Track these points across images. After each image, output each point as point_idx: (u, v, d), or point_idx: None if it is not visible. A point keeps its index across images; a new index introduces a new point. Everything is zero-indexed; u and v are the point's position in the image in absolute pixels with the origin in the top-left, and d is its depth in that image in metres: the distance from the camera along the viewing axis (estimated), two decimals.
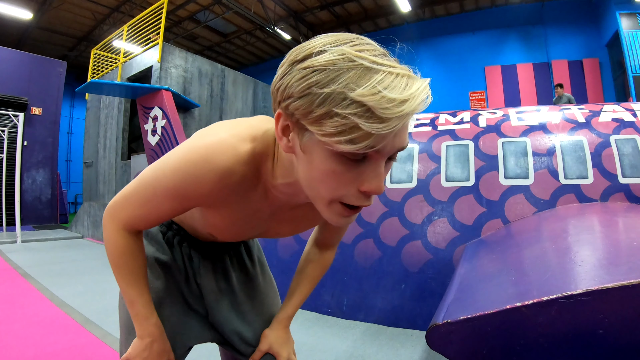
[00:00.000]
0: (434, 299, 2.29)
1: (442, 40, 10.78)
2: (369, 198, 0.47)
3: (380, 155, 0.43)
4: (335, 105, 0.39)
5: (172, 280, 0.78)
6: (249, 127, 0.56)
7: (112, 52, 7.88)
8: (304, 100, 0.41)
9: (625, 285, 0.69)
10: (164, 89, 5.40)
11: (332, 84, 0.39)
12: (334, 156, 0.43)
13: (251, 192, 0.59)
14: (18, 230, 5.93)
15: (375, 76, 0.39)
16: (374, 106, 0.37)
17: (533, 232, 1.88)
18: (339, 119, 0.39)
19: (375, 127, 0.38)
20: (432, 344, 0.84)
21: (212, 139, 0.53)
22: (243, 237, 0.72)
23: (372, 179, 0.45)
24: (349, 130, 0.39)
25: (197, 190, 0.54)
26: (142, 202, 0.58)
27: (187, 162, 0.53)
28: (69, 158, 15.16)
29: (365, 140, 0.39)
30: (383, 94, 0.38)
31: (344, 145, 0.40)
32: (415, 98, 0.39)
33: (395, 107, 0.38)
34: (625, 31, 7.73)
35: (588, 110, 2.61)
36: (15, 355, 1.93)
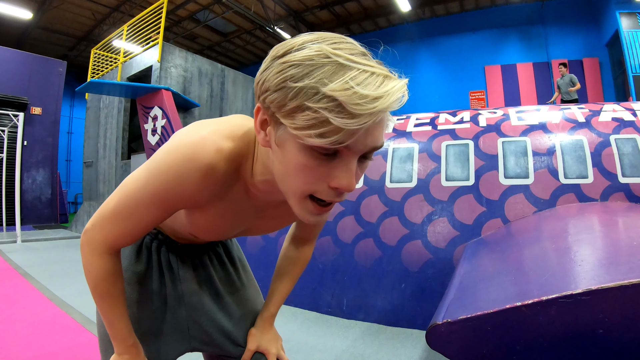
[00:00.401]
0: (433, 299, 2.29)
1: (442, 40, 10.78)
2: (340, 195, 0.47)
3: (352, 152, 0.43)
4: (307, 99, 0.39)
5: (150, 291, 0.76)
6: (229, 126, 0.56)
7: (112, 52, 7.88)
8: (279, 94, 0.42)
9: (625, 285, 0.69)
10: (164, 88, 5.40)
11: (306, 78, 0.40)
12: (305, 150, 0.43)
13: (233, 191, 0.59)
14: (18, 230, 5.94)
15: (349, 72, 0.39)
16: (345, 101, 0.37)
17: (533, 231, 1.88)
18: (310, 112, 0.39)
19: (345, 122, 0.38)
20: (432, 343, 0.84)
21: (193, 138, 0.53)
22: (225, 236, 0.71)
23: (342, 175, 0.44)
24: (319, 124, 0.39)
25: (182, 193, 0.54)
26: (125, 216, 0.57)
27: (169, 164, 0.52)
28: (69, 158, 15.16)
29: (335, 135, 0.39)
30: (355, 90, 0.38)
31: (314, 139, 0.40)
32: (389, 96, 0.39)
33: (367, 103, 0.38)
34: (625, 31, 7.73)
35: (588, 110, 2.61)
36: (15, 355, 1.93)
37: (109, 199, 0.59)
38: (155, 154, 0.55)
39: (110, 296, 0.63)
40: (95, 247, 0.60)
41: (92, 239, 0.60)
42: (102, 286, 0.62)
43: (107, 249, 0.60)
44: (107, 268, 0.61)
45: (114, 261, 0.62)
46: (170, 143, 0.54)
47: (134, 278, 0.75)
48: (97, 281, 0.61)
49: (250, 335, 0.84)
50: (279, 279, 0.88)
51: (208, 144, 0.52)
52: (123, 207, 0.57)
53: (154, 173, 0.54)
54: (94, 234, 0.60)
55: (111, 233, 0.59)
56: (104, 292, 0.62)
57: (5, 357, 1.91)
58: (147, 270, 0.77)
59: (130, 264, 0.76)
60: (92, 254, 0.60)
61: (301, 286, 2.70)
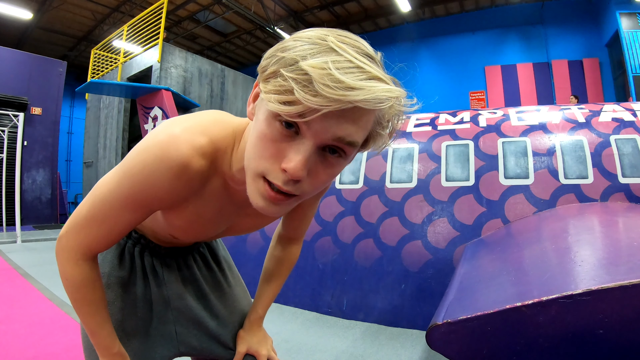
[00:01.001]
0: (434, 299, 2.29)
1: (442, 40, 10.77)
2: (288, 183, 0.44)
3: (311, 133, 0.41)
4: (283, 66, 0.39)
5: (134, 297, 0.74)
6: (202, 121, 0.55)
7: (112, 52, 7.88)
8: (267, 60, 0.43)
9: (625, 285, 0.69)
10: (164, 88, 5.40)
11: (294, 49, 0.40)
12: (269, 119, 0.42)
13: (211, 188, 0.57)
14: (18, 230, 5.93)
15: (334, 56, 0.38)
16: (316, 78, 0.36)
17: (533, 232, 1.88)
18: (281, 79, 0.39)
19: (306, 97, 0.37)
20: (432, 343, 0.84)
21: (164, 137, 0.51)
22: (206, 236, 0.69)
23: (293, 156, 0.42)
24: (285, 92, 0.39)
25: (156, 194, 0.52)
26: (99, 221, 0.55)
27: (141, 165, 0.51)
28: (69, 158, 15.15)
29: (296, 105, 0.38)
30: (330, 72, 0.36)
31: (276, 104, 0.39)
32: (367, 91, 0.37)
33: (338, 88, 0.36)
34: (625, 31, 7.73)
35: (588, 110, 2.61)
36: (15, 355, 1.93)
37: (82, 203, 0.57)
38: (127, 156, 0.54)
39: (90, 304, 0.61)
40: (71, 254, 0.58)
41: (66, 245, 0.58)
42: (81, 294, 0.60)
43: (82, 255, 0.58)
44: (84, 275, 0.59)
45: (92, 267, 0.60)
46: (142, 143, 0.53)
47: (117, 284, 0.72)
48: (76, 289, 0.59)
49: (239, 338, 0.83)
50: (266, 280, 0.87)
51: (180, 142, 0.50)
52: (97, 211, 0.55)
53: (126, 175, 0.52)
54: (68, 241, 0.57)
55: (86, 238, 0.56)
56: (84, 300, 0.60)
57: (5, 357, 1.91)
58: (131, 275, 0.75)
59: (113, 269, 0.73)
60: (68, 261, 0.58)
61: (301, 286, 2.70)
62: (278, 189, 0.44)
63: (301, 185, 0.45)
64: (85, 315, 0.61)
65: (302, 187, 0.45)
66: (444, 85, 10.44)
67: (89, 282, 0.60)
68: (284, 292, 2.77)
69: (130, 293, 0.74)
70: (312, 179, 0.45)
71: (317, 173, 0.44)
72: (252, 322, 0.84)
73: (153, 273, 0.77)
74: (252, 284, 0.91)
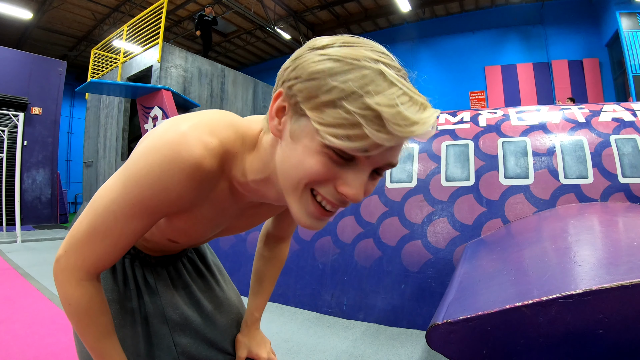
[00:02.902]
0: (434, 299, 2.29)
1: (442, 40, 10.77)
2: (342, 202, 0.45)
3: (369, 163, 0.42)
4: (344, 97, 0.38)
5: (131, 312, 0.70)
6: (210, 121, 0.51)
7: (112, 52, 7.88)
8: (312, 83, 0.40)
9: (625, 285, 0.69)
10: (164, 88, 5.39)
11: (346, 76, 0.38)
12: (322, 149, 0.41)
13: (217, 191, 0.55)
14: (18, 230, 5.93)
15: (393, 89, 0.38)
16: (388, 118, 0.37)
17: (533, 232, 1.88)
18: (342, 111, 0.38)
19: (379, 136, 0.37)
20: (432, 343, 0.84)
21: (173, 136, 0.47)
22: (205, 237, 0.67)
23: (353, 183, 0.42)
24: (349, 126, 0.38)
25: (166, 197, 0.48)
26: (102, 234, 0.50)
27: (150, 167, 0.46)
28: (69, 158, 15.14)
29: (362, 141, 0.38)
30: (400, 110, 0.37)
31: (338, 140, 0.38)
32: (425, 124, 0.38)
33: (407, 125, 0.37)
34: (625, 31, 7.73)
35: (588, 110, 2.61)
36: (15, 355, 1.93)
37: (80, 218, 0.52)
38: (131, 159, 0.49)
39: (99, 328, 0.55)
40: (73, 274, 0.52)
41: (67, 266, 0.52)
42: (89, 319, 0.54)
43: (86, 274, 0.52)
44: (89, 297, 0.53)
45: (97, 288, 0.55)
46: (147, 144, 0.48)
47: (114, 300, 0.69)
48: (83, 314, 0.53)
49: (237, 343, 0.82)
50: (257, 282, 0.85)
51: (191, 141, 0.47)
52: (99, 224, 0.50)
53: (133, 180, 0.48)
54: (68, 260, 0.52)
55: (88, 256, 0.51)
56: (92, 326, 0.54)
57: (5, 357, 1.91)
58: (125, 289, 0.71)
59: (107, 284, 0.69)
60: (70, 283, 0.52)
61: (301, 286, 2.70)
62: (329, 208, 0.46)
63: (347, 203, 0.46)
64: (95, 342, 0.55)
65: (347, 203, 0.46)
66: (444, 85, 10.44)
67: (95, 303, 0.54)
68: (284, 292, 2.77)
69: (127, 309, 0.70)
70: None
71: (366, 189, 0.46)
72: (249, 325, 0.83)
73: (145, 285, 0.73)
74: None
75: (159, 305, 0.73)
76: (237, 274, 2.92)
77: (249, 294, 0.86)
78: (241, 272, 2.92)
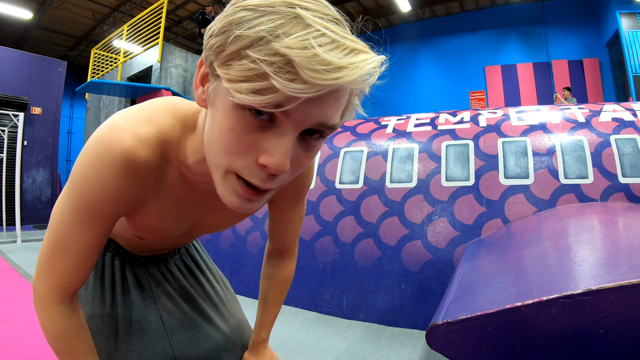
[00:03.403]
0: (434, 299, 2.29)
1: (442, 40, 10.77)
2: (269, 178, 0.38)
3: (290, 122, 0.35)
4: (248, 45, 0.32)
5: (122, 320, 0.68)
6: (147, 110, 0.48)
7: (112, 52, 7.88)
8: (220, 38, 0.35)
9: (625, 285, 0.69)
10: (164, 88, 5.40)
11: (255, 23, 0.32)
12: (235, 109, 0.35)
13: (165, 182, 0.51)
14: (18, 230, 5.93)
15: (309, 29, 0.31)
16: (300, 63, 0.30)
17: (533, 231, 1.88)
18: (247, 62, 0.32)
19: (291, 86, 0.30)
20: (432, 343, 0.84)
21: (104, 130, 0.45)
22: (171, 234, 0.63)
23: (273, 150, 0.36)
24: (255, 77, 0.32)
25: (106, 198, 0.45)
26: (62, 250, 0.48)
27: (85, 169, 0.44)
28: (69, 158, 15.14)
29: (272, 94, 0.31)
30: (316, 52, 0.30)
31: (245, 94, 0.32)
32: (356, 68, 0.31)
33: (328, 72, 0.30)
34: (625, 31, 7.73)
35: (588, 110, 2.61)
36: (15, 355, 1.93)
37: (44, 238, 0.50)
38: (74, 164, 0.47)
39: (76, 355, 0.53)
40: (46, 300, 0.50)
41: (39, 292, 0.51)
42: (65, 345, 0.52)
43: (58, 297, 0.50)
44: (64, 322, 0.51)
45: (72, 311, 0.52)
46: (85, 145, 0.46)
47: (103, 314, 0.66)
48: (60, 339, 0.52)
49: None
50: (262, 303, 0.81)
51: (122, 132, 0.44)
52: (57, 240, 0.48)
53: (73, 185, 0.46)
54: (40, 286, 0.50)
55: (55, 276, 0.49)
56: (68, 352, 0.52)
57: (5, 357, 1.91)
58: (114, 296, 0.68)
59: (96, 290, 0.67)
60: (45, 309, 0.51)
61: (301, 286, 2.70)
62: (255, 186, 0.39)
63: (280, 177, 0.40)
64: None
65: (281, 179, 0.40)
66: (444, 85, 10.44)
67: (71, 329, 0.52)
68: None
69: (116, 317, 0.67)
70: (294, 165, 0.39)
71: (298, 159, 0.39)
72: (256, 345, 0.80)
73: (139, 287, 0.71)
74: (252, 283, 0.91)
75: (154, 308, 0.71)
76: (237, 274, 2.92)
77: (256, 314, 0.81)
78: (241, 272, 2.92)
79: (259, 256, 2.90)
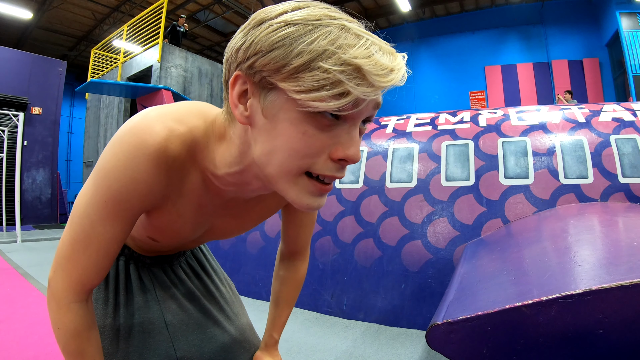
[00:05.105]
0: (434, 299, 2.29)
1: (442, 40, 10.77)
2: (342, 168, 0.43)
3: (358, 117, 0.41)
4: (317, 57, 0.36)
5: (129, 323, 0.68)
6: (179, 110, 0.49)
7: (112, 52, 7.88)
8: (278, 52, 0.37)
9: (625, 285, 0.69)
10: (164, 88, 5.40)
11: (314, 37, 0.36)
12: (305, 117, 0.38)
13: (190, 185, 0.52)
14: (18, 230, 5.93)
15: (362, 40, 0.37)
16: (368, 70, 0.36)
17: (533, 231, 1.88)
18: (320, 72, 0.35)
19: (363, 90, 0.36)
20: (432, 343, 0.84)
21: (137, 121, 0.46)
22: (185, 238, 0.62)
23: (348, 143, 0.40)
24: (331, 85, 0.36)
25: (135, 190, 0.45)
26: (83, 244, 0.48)
27: (116, 159, 0.44)
28: (69, 158, 15.14)
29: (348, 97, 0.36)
30: (376, 59, 0.36)
31: (325, 102, 0.36)
32: (400, 69, 0.38)
33: (386, 74, 0.37)
34: (625, 31, 7.73)
35: (588, 110, 2.61)
36: (15, 355, 1.93)
37: (63, 233, 0.50)
38: (99, 159, 0.47)
39: (84, 356, 0.52)
40: (61, 297, 0.50)
41: (56, 289, 0.50)
42: (74, 345, 0.52)
43: (74, 296, 0.50)
44: (77, 322, 0.51)
45: (86, 311, 0.52)
46: (114, 136, 0.47)
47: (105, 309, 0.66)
48: (68, 339, 0.51)
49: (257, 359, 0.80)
50: (274, 304, 0.82)
51: (156, 126, 0.45)
52: (78, 233, 0.48)
53: (101, 175, 0.45)
54: (57, 283, 0.50)
55: (74, 273, 0.49)
56: (76, 352, 0.52)
57: (5, 357, 1.91)
58: (117, 296, 0.68)
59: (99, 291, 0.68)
60: (59, 308, 0.50)
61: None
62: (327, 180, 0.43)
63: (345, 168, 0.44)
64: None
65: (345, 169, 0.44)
66: (444, 85, 10.44)
67: (83, 330, 0.52)
68: None
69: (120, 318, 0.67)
70: None
71: None
72: (268, 346, 0.81)
73: (142, 288, 0.70)
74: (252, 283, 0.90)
75: (157, 310, 0.70)
76: (237, 274, 2.92)
77: (268, 315, 0.82)
78: (241, 272, 2.92)
79: (259, 256, 2.90)
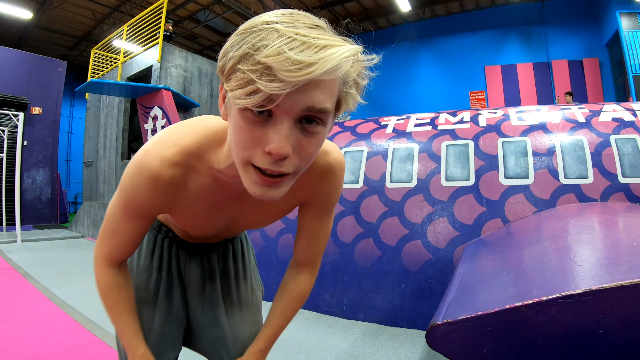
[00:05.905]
0: (434, 299, 2.29)
1: (442, 40, 10.77)
2: (277, 162, 0.45)
3: (283, 113, 0.42)
4: (240, 61, 0.40)
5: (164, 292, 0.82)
6: (179, 131, 0.61)
7: (112, 52, 7.88)
8: (222, 61, 0.44)
9: (625, 285, 0.70)
10: (164, 88, 5.39)
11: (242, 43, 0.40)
12: (240, 113, 0.43)
13: (197, 188, 0.62)
14: (18, 230, 5.93)
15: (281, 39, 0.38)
16: (276, 67, 0.37)
17: (533, 231, 1.88)
18: (239, 74, 0.40)
19: (272, 86, 0.38)
20: (432, 343, 0.84)
21: (140, 153, 0.60)
22: (212, 229, 0.74)
23: (273, 137, 0.43)
24: (247, 83, 0.40)
25: (141, 201, 0.60)
26: (111, 232, 0.65)
27: (126, 180, 0.60)
28: (69, 158, 15.14)
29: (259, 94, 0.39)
30: (288, 56, 0.37)
31: (241, 99, 0.41)
32: (326, 62, 0.38)
33: (300, 69, 0.37)
34: (625, 31, 7.73)
35: (588, 110, 2.61)
36: (15, 355, 1.93)
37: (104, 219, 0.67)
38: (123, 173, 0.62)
39: (117, 306, 0.69)
40: (99, 261, 0.68)
41: (97, 253, 0.68)
42: (109, 297, 0.69)
43: (108, 262, 0.68)
44: (111, 279, 0.68)
45: (117, 273, 0.69)
46: (129, 164, 0.61)
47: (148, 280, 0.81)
48: (104, 292, 0.69)
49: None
50: (272, 309, 0.81)
51: (150, 157, 0.58)
52: (109, 225, 0.65)
53: (119, 190, 0.62)
54: (98, 249, 0.68)
55: (107, 247, 0.67)
56: (112, 302, 0.69)
57: (5, 357, 1.91)
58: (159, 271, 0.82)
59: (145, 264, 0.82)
60: (98, 267, 0.68)
61: None
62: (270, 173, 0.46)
63: (290, 162, 0.46)
64: (114, 317, 0.70)
65: (291, 163, 0.46)
66: (444, 85, 10.44)
67: (114, 285, 0.69)
68: None
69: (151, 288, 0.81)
70: (300, 152, 0.46)
71: (302, 146, 0.45)
72: (251, 354, 0.78)
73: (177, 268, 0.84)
74: None
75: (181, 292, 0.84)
76: None
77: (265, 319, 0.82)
78: None
79: (258, 256, 2.89)
